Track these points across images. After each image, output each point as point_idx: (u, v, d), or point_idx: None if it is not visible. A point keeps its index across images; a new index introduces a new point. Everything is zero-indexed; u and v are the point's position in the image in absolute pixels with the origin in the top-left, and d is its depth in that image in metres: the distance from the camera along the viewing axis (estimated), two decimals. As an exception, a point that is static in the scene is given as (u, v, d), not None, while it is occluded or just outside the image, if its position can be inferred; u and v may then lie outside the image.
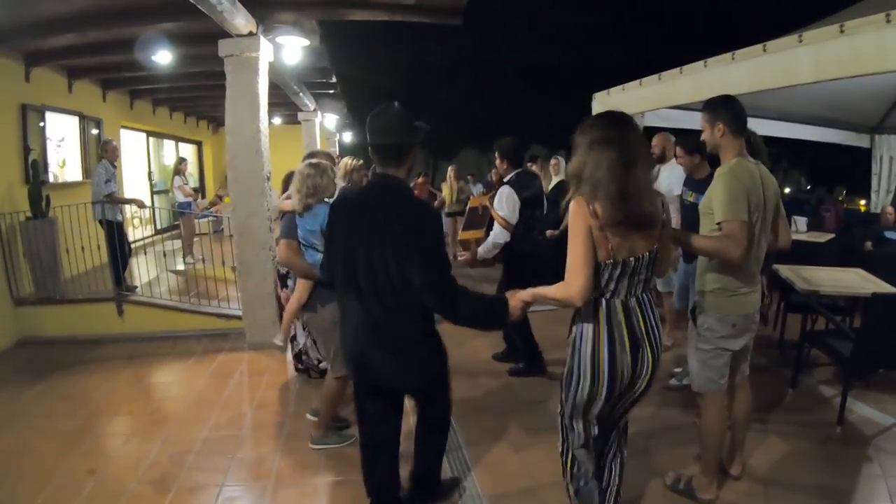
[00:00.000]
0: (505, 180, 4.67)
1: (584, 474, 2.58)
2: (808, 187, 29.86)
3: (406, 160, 2.56)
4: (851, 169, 15.64)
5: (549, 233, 5.80)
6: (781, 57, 3.96)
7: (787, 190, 30.33)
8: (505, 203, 4.48)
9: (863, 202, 17.11)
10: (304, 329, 4.72)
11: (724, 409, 3.04)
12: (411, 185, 3.55)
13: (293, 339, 4.90)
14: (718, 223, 2.72)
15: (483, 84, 25.82)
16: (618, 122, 2.27)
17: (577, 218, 2.20)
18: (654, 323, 2.36)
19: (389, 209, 2.46)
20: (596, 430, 2.46)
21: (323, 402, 3.79)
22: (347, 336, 2.63)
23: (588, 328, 2.33)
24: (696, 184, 4.29)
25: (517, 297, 2.45)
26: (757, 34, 4.77)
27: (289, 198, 3.85)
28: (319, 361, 4.80)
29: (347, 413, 3.94)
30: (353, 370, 2.74)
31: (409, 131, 2.52)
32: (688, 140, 4.39)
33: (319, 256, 3.23)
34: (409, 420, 3.21)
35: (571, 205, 2.24)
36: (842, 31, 3.45)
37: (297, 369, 5.01)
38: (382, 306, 2.46)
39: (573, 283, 2.18)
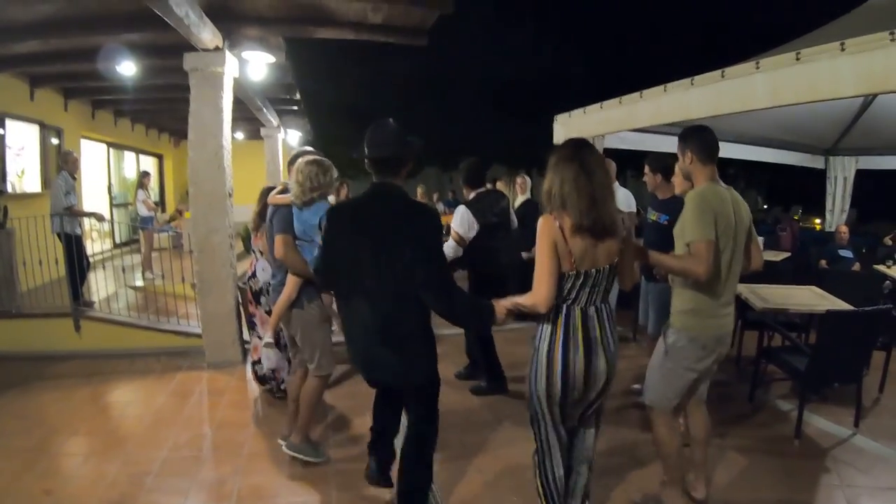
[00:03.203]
0: (464, 202, 4.77)
1: (552, 470, 2.71)
2: (765, 207, 30.69)
3: (401, 171, 2.76)
4: (806, 189, 16.12)
5: (525, 255, 5.83)
6: (739, 83, 4.06)
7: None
8: (459, 220, 4.60)
9: (818, 221, 17.65)
10: (279, 350, 4.60)
11: (672, 422, 3.10)
12: (333, 176, 3.64)
13: (257, 362, 4.80)
14: (688, 244, 2.81)
15: (446, 103, 26.02)
16: (577, 144, 2.56)
17: (544, 233, 2.46)
18: (609, 332, 2.58)
19: (394, 212, 2.67)
20: (562, 430, 2.67)
21: (303, 403, 3.73)
22: (354, 336, 2.81)
23: (547, 329, 2.57)
24: (660, 204, 4.40)
25: (500, 305, 2.67)
26: (716, 58, 4.91)
27: (281, 193, 3.79)
28: (271, 374, 4.74)
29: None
30: (360, 368, 2.94)
31: (404, 145, 2.74)
32: (655, 159, 4.52)
33: (316, 251, 3.25)
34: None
35: (540, 221, 2.50)
36: (798, 59, 3.56)
37: (261, 385, 4.93)
38: (388, 306, 2.64)
39: (538, 292, 2.46)
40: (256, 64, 6.21)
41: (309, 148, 4.11)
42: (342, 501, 3.38)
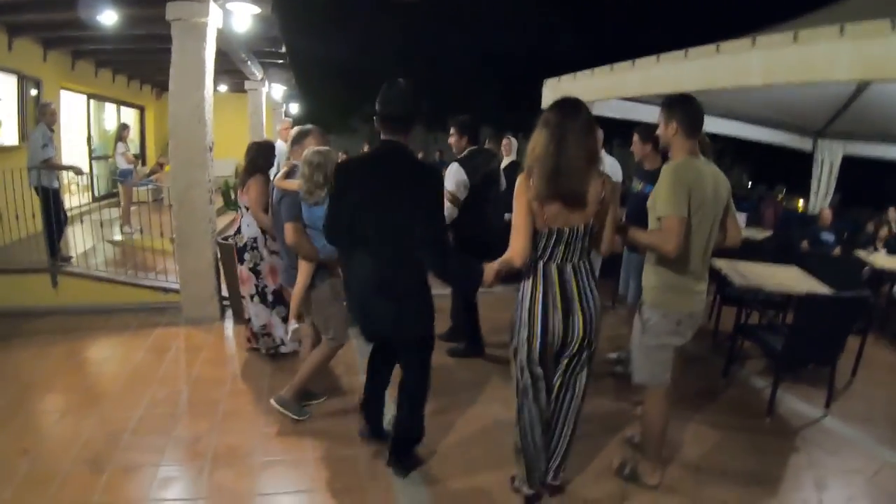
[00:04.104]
0: (458, 157, 4.66)
1: (531, 432, 2.80)
2: (749, 185, 30.83)
3: (411, 129, 2.89)
4: (792, 170, 16.17)
5: (508, 216, 5.79)
6: (734, 58, 4.01)
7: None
8: (451, 178, 4.48)
9: (801, 202, 17.76)
10: (266, 305, 4.65)
11: (666, 402, 3.10)
12: None
13: (248, 319, 4.79)
14: (659, 218, 2.79)
15: (435, 64, 25.54)
16: (562, 107, 2.56)
17: (519, 191, 2.56)
18: (588, 290, 2.66)
19: (400, 171, 2.80)
20: (543, 393, 2.76)
21: (307, 363, 3.76)
22: (355, 288, 2.96)
23: (528, 285, 2.66)
24: (646, 174, 4.38)
25: (490, 267, 2.74)
26: (710, 32, 4.85)
27: (287, 176, 3.71)
28: (282, 342, 4.74)
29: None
30: (359, 320, 3.05)
31: (416, 105, 2.88)
32: (646, 129, 4.43)
33: (324, 240, 3.33)
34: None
35: (518, 179, 2.59)
36: (795, 40, 3.52)
37: (249, 348, 4.91)
38: (391, 259, 2.79)
39: (513, 245, 2.57)
40: (241, 15, 6.02)
41: (309, 127, 3.99)
42: (317, 460, 3.39)
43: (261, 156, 4.52)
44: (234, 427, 3.74)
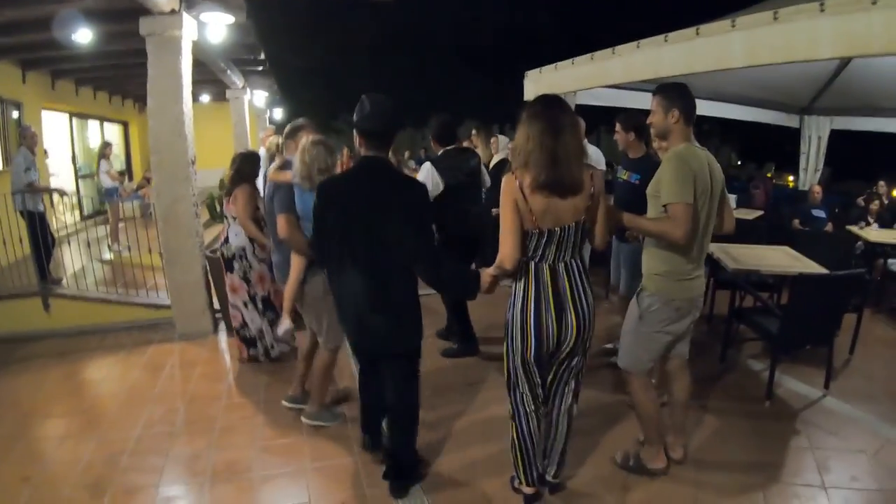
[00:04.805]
0: (431, 158, 4.72)
1: (527, 435, 2.80)
2: (739, 163, 30.90)
3: (391, 143, 2.88)
4: (780, 145, 16.20)
5: (494, 211, 5.78)
6: (714, 41, 3.97)
7: (717, 166, 31.28)
8: (422, 177, 4.46)
9: (791, 178, 17.80)
10: (258, 312, 4.70)
11: (649, 384, 3.13)
12: (338, 158, 3.60)
13: (244, 325, 4.80)
14: (665, 205, 2.77)
15: (416, 60, 25.51)
16: (547, 101, 2.56)
17: (506, 192, 2.51)
18: (581, 288, 2.64)
19: (383, 186, 2.77)
20: (538, 392, 2.76)
21: (315, 376, 3.78)
22: (345, 306, 2.93)
23: (520, 286, 2.65)
24: (631, 163, 4.34)
25: (486, 273, 2.73)
26: (689, 15, 4.82)
27: (281, 168, 3.67)
28: (273, 346, 4.80)
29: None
30: (351, 336, 3.07)
31: (396, 118, 2.84)
32: (627, 118, 4.42)
33: None
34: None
35: (503, 179, 2.54)
36: (776, 18, 3.48)
37: (247, 358, 4.89)
38: (378, 276, 2.76)
39: (502, 249, 2.55)
40: (216, 26, 5.95)
41: (302, 121, 3.96)
42: (317, 471, 3.38)
43: (246, 165, 4.52)
44: (232, 442, 3.72)
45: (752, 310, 4.74)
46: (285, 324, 3.77)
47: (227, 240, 4.69)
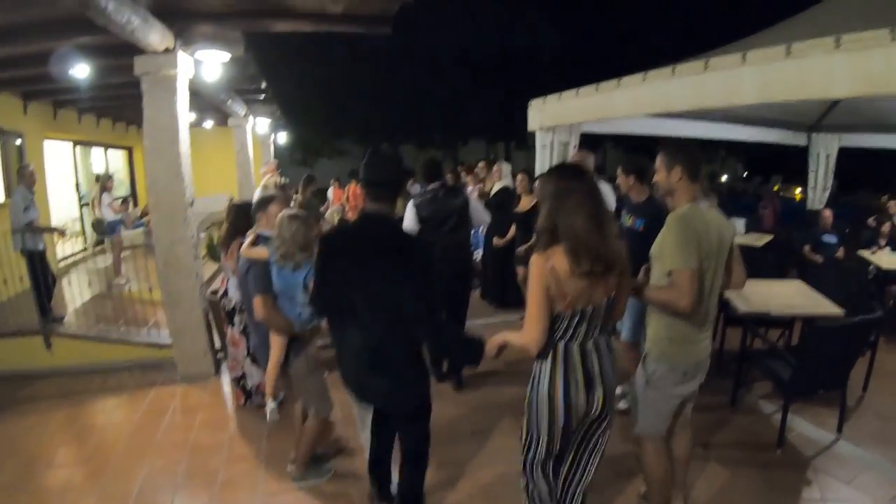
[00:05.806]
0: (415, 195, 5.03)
1: (540, 493, 2.69)
2: (745, 174, 30.72)
3: (395, 196, 2.78)
4: (787, 158, 16.07)
5: (496, 241, 5.74)
6: (724, 76, 3.88)
7: (724, 178, 31.24)
8: (406, 218, 4.81)
9: (798, 190, 17.64)
10: (258, 366, 4.59)
11: (663, 451, 3.03)
12: (345, 189, 3.62)
13: (242, 377, 4.79)
14: (669, 271, 2.69)
15: (421, 79, 25.33)
16: (575, 173, 2.45)
17: (535, 275, 2.35)
18: (609, 363, 2.52)
19: (385, 245, 2.67)
20: (551, 478, 2.66)
21: (304, 441, 3.69)
22: (347, 363, 2.84)
23: (546, 366, 2.48)
24: (635, 207, 4.24)
25: (492, 341, 2.59)
26: (698, 38, 4.74)
27: (254, 244, 3.58)
28: (255, 389, 4.76)
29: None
30: (353, 393, 2.94)
31: (401, 171, 2.83)
32: (627, 162, 4.35)
33: (299, 309, 3.37)
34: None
35: (532, 259, 2.38)
36: (789, 54, 3.39)
37: (245, 403, 4.86)
38: (379, 335, 2.67)
39: (529, 333, 2.37)
40: (211, 64, 5.89)
41: (272, 193, 3.94)
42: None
43: (240, 219, 4.39)
44: (234, 497, 3.67)
45: (764, 353, 4.59)
46: (270, 407, 3.66)
47: (226, 292, 4.63)
